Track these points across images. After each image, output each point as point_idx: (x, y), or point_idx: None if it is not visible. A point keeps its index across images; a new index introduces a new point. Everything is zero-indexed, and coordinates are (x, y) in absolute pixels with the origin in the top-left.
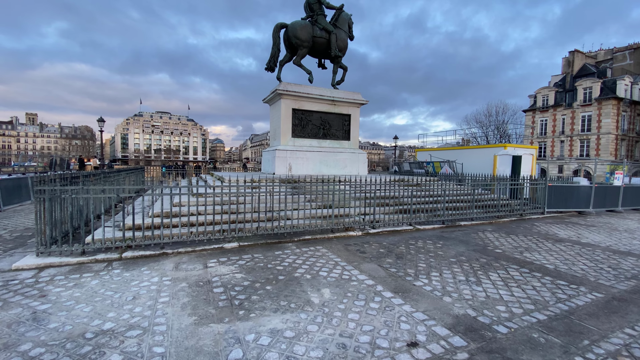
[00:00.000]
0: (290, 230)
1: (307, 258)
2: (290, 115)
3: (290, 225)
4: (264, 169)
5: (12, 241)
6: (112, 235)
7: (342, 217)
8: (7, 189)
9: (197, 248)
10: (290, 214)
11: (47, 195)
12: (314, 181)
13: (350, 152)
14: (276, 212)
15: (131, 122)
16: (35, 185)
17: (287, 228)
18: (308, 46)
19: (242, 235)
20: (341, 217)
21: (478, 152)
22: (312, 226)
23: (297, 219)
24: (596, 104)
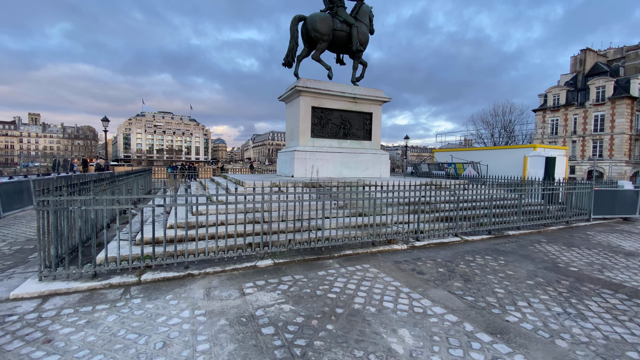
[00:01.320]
0: (328, 244)
1: (359, 281)
2: (309, 114)
3: (325, 238)
4: (280, 170)
5: (12, 256)
6: (129, 252)
7: (377, 226)
8: (8, 194)
9: (227, 267)
10: (320, 223)
11: (52, 207)
12: (340, 184)
13: (372, 153)
14: (305, 220)
15: (133, 122)
16: (38, 195)
17: (324, 241)
18: (328, 40)
19: (275, 250)
20: (377, 226)
21: (504, 152)
22: (349, 238)
23: (329, 229)
24: (609, 103)
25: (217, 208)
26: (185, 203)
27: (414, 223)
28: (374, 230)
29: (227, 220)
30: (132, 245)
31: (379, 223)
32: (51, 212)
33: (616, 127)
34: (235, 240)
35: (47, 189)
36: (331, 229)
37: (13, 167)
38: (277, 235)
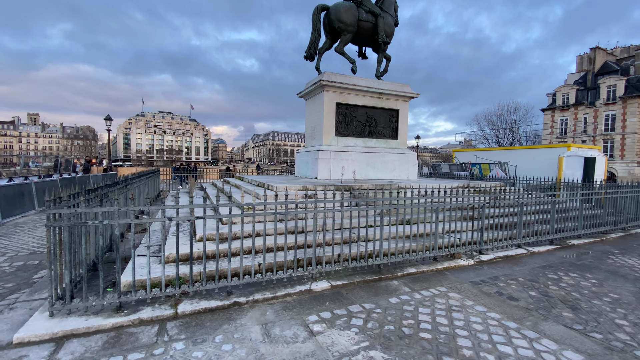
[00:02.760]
0: (387, 260)
1: (446, 311)
2: (334, 111)
3: (382, 253)
4: (299, 171)
5: (14, 276)
6: (161, 273)
7: (426, 236)
8: (8, 198)
9: (279, 292)
10: (365, 234)
11: (67, 223)
12: (375, 187)
13: (399, 153)
14: (347, 230)
15: (133, 122)
16: (49, 207)
17: (382, 257)
18: (353, 31)
19: (329, 269)
20: (426, 236)
21: (535, 152)
22: (408, 252)
23: (375, 240)
24: (621, 102)
25: (254, 217)
26: (215, 214)
27: (466, 232)
28: (434, 242)
29: (265, 231)
30: (159, 264)
31: (427, 233)
32: (65, 229)
33: (628, 127)
34: (275, 256)
35: (59, 199)
36: (381, 241)
37: (12, 167)
38: (321, 249)
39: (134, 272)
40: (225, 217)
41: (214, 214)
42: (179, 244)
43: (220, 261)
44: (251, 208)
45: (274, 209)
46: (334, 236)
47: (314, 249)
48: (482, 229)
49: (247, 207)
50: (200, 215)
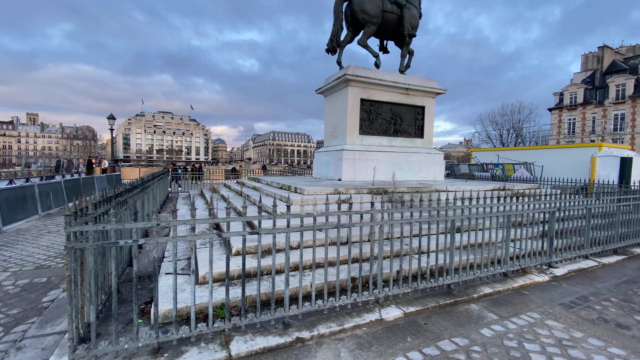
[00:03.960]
0: (457, 279)
1: (559, 348)
2: (358, 107)
3: (439, 268)
4: (319, 173)
5: (18, 298)
6: (208, 299)
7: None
8: (9, 202)
9: (346, 324)
10: (416, 245)
11: (94, 244)
12: (410, 191)
13: (426, 153)
14: (397, 240)
15: (133, 122)
16: (70, 223)
17: (452, 275)
18: (377, 23)
19: (397, 292)
20: (478, 247)
21: (564, 152)
22: (467, 266)
23: (426, 252)
24: (630, 101)
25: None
26: (257, 230)
27: (521, 240)
28: (504, 255)
29: (315, 243)
30: (192, 285)
31: (480, 242)
32: (90, 251)
33: (637, 126)
34: (326, 273)
35: (81, 211)
36: (451, 256)
37: (12, 167)
38: (378, 264)
39: (176, 302)
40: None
41: (252, 228)
42: (212, 262)
43: (263, 281)
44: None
45: (323, 220)
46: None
47: (371, 265)
48: (552, 238)
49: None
50: (239, 231)
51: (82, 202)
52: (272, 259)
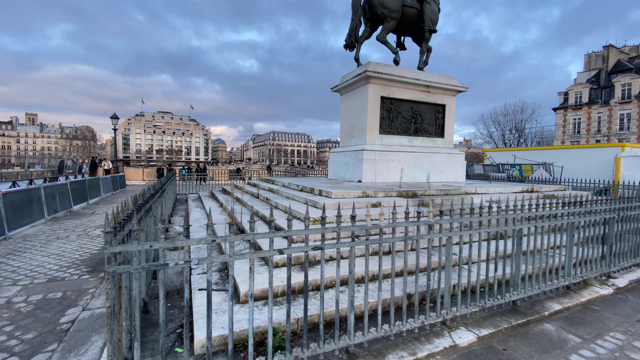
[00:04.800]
0: (523, 294)
1: None
2: (378, 106)
3: (498, 280)
4: (335, 174)
5: (34, 320)
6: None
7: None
8: (15, 206)
9: (419, 353)
10: (466, 254)
11: (139, 266)
12: (439, 193)
13: (447, 153)
14: (435, 247)
15: (133, 122)
16: (111, 242)
17: (518, 290)
18: (397, 18)
19: (465, 312)
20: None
21: (585, 152)
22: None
23: (476, 262)
24: (636, 101)
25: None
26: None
27: (566, 247)
28: (568, 266)
29: (352, 254)
30: (233, 304)
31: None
32: (135, 275)
33: None
34: (380, 290)
35: (120, 225)
36: (517, 269)
37: (11, 168)
38: (434, 278)
39: (232, 327)
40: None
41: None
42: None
43: (311, 299)
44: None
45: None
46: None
47: (428, 279)
48: (612, 245)
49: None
50: (283, 249)
51: (119, 214)
52: (337, 274)
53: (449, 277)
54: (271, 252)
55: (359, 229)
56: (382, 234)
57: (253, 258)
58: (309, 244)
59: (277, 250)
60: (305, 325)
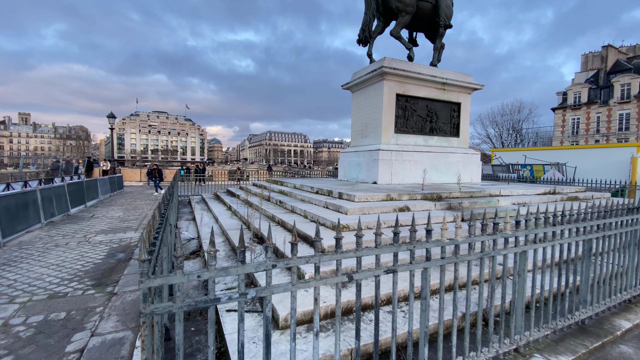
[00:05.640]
0: (591, 311)
1: None
2: (393, 103)
3: (547, 294)
4: (347, 175)
5: (35, 349)
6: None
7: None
8: (9, 210)
9: None
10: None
11: (185, 302)
12: (463, 195)
13: (463, 153)
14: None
15: (127, 122)
16: (149, 274)
17: (586, 306)
18: (411, 12)
19: (537, 335)
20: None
21: (599, 152)
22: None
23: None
24: (636, 101)
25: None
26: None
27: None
28: (630, 277)
29: (427, 276)
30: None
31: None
32: (179, 316)
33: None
34: (442, 310)
35: (154, 245)
36: (586, 283)
37: (4, 168)
38: (517, 302)
39: None
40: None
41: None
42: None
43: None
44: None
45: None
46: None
47: (491, 297)
48: None
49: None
50: (352, 273)
51: (150, 230)
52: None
53: (522, 297)
54: (339, 277)
55: (435, 245)
56: (458, 252)
57: (318, 286)
58: (361, 264)
59: (345, 274)
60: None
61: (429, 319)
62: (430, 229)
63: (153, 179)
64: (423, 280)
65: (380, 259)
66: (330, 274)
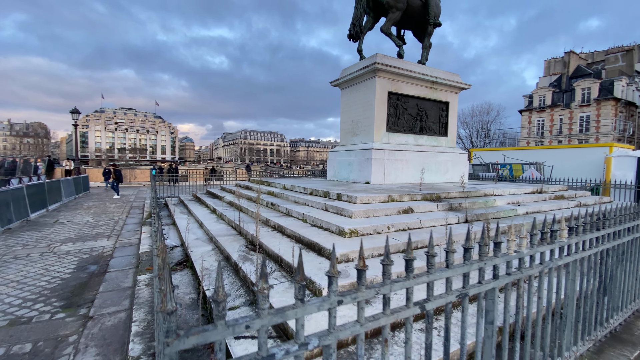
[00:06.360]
0: (622, 316)
1: None
2: (385, 101)
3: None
4: (336, 174)
5: None
6: None
7: None
8: None
9: None
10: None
11: None
12: (459, 195)
13: (451, 152)
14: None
15: (91, 118)
16: (179, 336)
17: (618, 311)
18: (402, 8)
19: (582, 351)
20: None
21: (575, 152)
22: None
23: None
24: (595, 104)
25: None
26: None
27: None
28: None
29: (494, 297)
30: None
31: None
32: None
33: (601, 128)
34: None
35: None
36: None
37: None
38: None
39: None
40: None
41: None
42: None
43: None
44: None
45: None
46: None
47: (548, 313)
48: None
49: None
50: (424, 302)
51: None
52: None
53: (572, 308)
54: (411, 309)
55: (503, 261)
56: (522, 265)
57: (388, 324)
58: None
59: (418, 304)
60: None
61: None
62: (499, 242)
63: (110, 180)
64: (489, 302)
65: (452, 283)
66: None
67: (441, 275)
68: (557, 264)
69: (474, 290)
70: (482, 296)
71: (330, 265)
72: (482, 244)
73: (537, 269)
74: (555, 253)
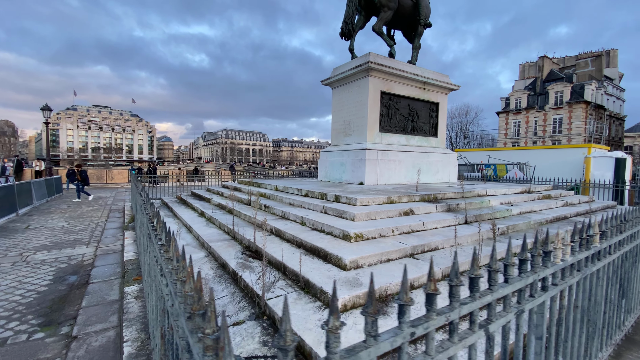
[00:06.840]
0: (633, 319)
1: None
2: (378, 101)
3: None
4: (329, 175)
5: None
6: None
7: None
8: None
9: None
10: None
11: None
12: (455, 196)
13: (441, 153)
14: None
15: (63, 116)
16: None
17: (632, 314)
18: (394, 8)
19: (603, 356)
20: None
21: (555, 152)
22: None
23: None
24: (567, 107)
25: None
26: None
27: None
28: None
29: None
30: None
31: None
32: None
33: (573, 130)
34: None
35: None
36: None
37: None
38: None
39: None
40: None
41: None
42: None
43: None
44: None
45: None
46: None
47: (582, 321)
48: None
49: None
50: (487, 323)
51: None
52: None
53: (600, 313)
54: (476, 335)
55: (552, 271)
56: (565, 273)
57: (456, 354)
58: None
59: (482, 327)
60: None
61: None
62: (549, 250)
63: (74, 182)
64: (539, 316)
65: (509, 298)
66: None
67: (503, 292)
68: (592, 269)
69: (529, 305)
70: (534, 310)
71: (401, 291)
72: (535, 253)
73: (577, 276)
74: (589, 258)
